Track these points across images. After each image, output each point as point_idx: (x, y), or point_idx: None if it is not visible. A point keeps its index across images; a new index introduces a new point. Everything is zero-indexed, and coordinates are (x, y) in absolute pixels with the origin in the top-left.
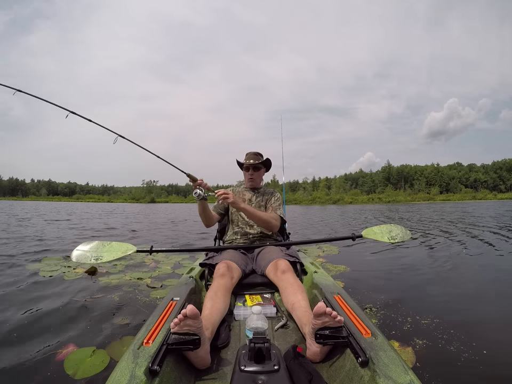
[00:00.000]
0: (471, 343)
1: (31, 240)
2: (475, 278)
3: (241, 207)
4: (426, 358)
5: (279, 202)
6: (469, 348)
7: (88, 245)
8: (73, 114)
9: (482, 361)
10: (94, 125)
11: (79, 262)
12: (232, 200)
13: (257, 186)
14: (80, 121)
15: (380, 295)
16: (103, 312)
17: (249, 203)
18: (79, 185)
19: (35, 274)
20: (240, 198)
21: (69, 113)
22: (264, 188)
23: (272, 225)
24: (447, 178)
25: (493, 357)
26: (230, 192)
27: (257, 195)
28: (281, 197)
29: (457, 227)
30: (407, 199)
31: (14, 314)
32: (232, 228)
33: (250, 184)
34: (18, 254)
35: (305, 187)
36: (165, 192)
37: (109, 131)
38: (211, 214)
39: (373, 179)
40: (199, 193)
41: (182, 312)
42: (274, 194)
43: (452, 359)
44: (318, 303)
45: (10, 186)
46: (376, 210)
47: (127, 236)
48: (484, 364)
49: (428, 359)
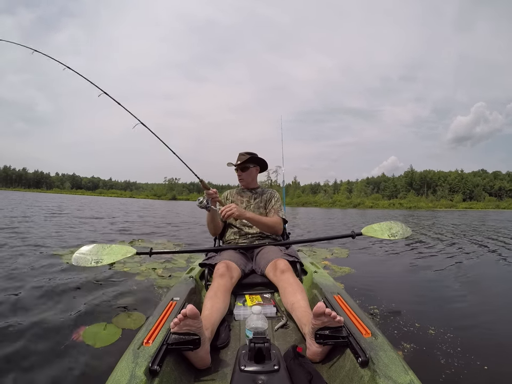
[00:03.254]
0: (472, 355)
1: (67, 232)
2: (487, 288)
3: (246, 216)
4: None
5: (279, 203)
6: (470, 359)
7: (88, 248)
8: (105, 95)
9: (483, 373)
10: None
11: (79, 265)
12: (237, 214)
13: (250, 186)
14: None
15: (384, 299)
16: (115, 294)
17: (248, 204)
18: (102, 180)
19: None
20: (237, 199)
21: (102, 93)
22: (262, 187)
23: (277, 229)
24: (471, 186)
25: (494, 368)
26: (232, 206)
27: (255, 196)
28: (280, 197)
29: (477, 236)
30: (428, 206)
31: (40, 293)
32: (232, 228)
33: (242, 184)
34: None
35: (326, 190)
36: (186, 190)
37: (134, 117)
38: (220, 224)
39: (395, 184)
40: (203, 202)
41: (181, 312)
42: (273, 195)
43: (452, 369)
44: (318, 303)
45: (35, 179)
46: (399, 215)
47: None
48: (485, 374)
49: (427, 364)
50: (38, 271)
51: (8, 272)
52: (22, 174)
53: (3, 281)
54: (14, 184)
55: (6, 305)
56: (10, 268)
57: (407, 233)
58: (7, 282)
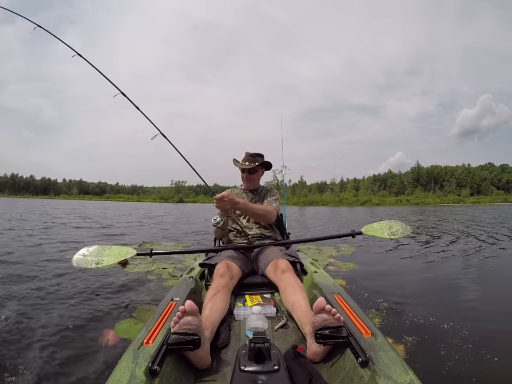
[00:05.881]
0: (478, 350)
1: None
2: (497, 284)
3: (238, 207)
4: (427, 361)
5: (275, 197)
6: (474, 355)
7: (89, 249)
8: (122, 95)
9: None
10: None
11: (79, 267)
12: (229, 207)
13: (254, 188)
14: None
15: (387, 295)
16: (132, 292)
17: None
18: (109, 185)
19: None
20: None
21: (118, 93)
22: (263, 187)
23: (269, 217)
24: (478, 180)
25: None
26: (225, 198)
27: (255, 198)
28: (278, 194)
29: (481, 231)
30: (436, 201)
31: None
32: (232, 229)
33: (246, 186)
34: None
35: (333, 188)
36: (193, 192)
37: (152, 124)
38: (226, 231)
39: (402, 180)
40: (220, 222)
41: (180, 308)
42: (271, 191)
43: (456, 368)
44: (318, 298)
45: (42, 185)
46: (408, 212)
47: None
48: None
49: (429, 362)
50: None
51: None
52: (29, 181)
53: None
54: (21, 191)
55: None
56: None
57: (407, 232)
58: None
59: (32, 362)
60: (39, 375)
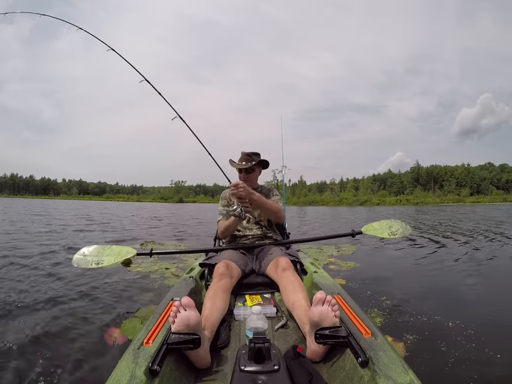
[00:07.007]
0: (478, 348)
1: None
2: (498, 284)
3: (253, 198)
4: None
5: (278, 197)
6: (474, 353)
7: (89, 249)
8: (146, 82)
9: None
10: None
11: (79, 267)
12: (245, 194)
13: (252, 187)
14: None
15: (388, 294)
16: (136, 292)
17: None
18: (108, 185)
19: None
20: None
21: (143, 79)
22: (262, 187)
23: (279, 215)
24: (478, 179)
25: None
26: (240, 185)
27: None
28: (280, 194)
29: (480, 230)
30: (435, 201)
31: (79, 293)
32: None
33: None
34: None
35: (333, 188)
36: (193, 192)
37: (172, 108)
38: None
39: (402, 180)
40: (237, 210)
41: (175, 303)
42: (272, 191)
43: (455, 361)
44: (318, 291)
45: (42, 186)
46: (407, 211)
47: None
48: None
49: (430, 361)
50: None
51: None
52: (29, 181)
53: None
54: (21, 191)
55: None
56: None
57: (407, 232)
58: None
59: (36, 360)
60: (43, 373)
